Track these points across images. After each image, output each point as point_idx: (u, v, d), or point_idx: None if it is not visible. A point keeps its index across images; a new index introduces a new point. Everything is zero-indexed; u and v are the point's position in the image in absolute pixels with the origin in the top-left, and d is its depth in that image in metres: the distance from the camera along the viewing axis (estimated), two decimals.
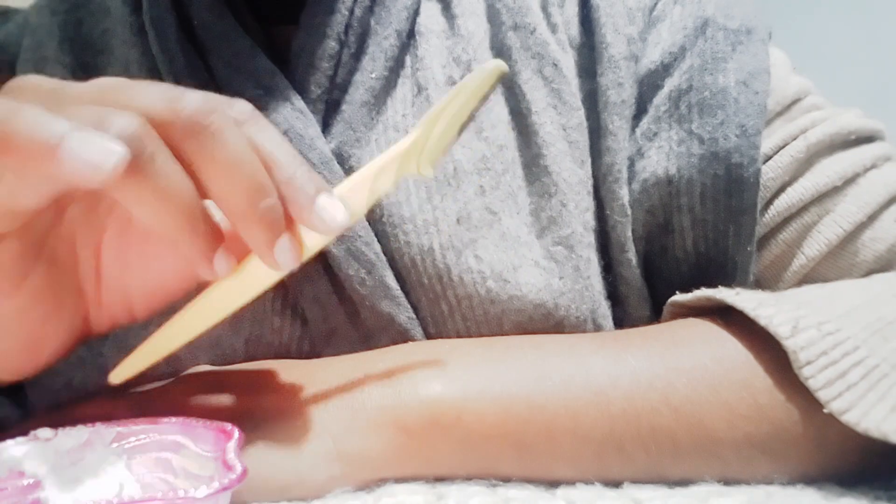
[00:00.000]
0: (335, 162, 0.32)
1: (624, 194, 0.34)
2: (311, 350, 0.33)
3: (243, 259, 0.25)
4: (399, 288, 0.32)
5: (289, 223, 0.23)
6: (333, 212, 0.23)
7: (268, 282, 0.25)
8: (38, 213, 0.23)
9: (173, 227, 0.22)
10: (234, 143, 0.22)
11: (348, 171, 0.32)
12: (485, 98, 0.27)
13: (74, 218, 0.26)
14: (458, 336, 0.32)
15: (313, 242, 0.25)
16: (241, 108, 0.23)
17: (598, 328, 0.34)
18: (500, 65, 0.26)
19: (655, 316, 0.35)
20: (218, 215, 0.24)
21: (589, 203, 0.34)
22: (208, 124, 0.22)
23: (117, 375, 0.26)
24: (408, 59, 0.35)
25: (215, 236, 0.23)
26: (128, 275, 0.27)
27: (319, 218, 0.23)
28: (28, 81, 0.22)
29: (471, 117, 0.26)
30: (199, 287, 0.26)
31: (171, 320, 0.26)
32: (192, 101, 0.22)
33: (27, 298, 0.24)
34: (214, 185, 0.22)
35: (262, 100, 0.32)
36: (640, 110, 0.35)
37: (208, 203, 0.23)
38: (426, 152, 0.26)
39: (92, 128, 0.20)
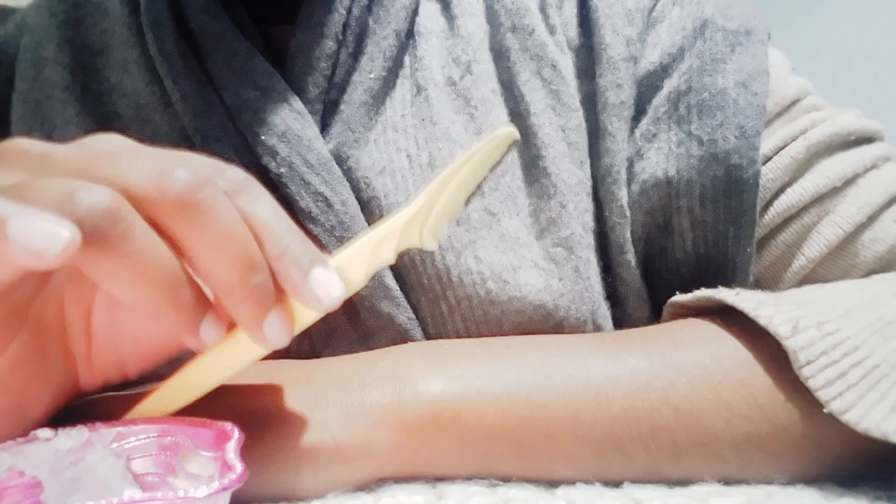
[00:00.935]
0: (333, 163, 0.32)
1: (623, 195, 0.34)
2: (311, 350, 0.33)
3: (234, 325, 0.23)
4: (399, 288, 0.32)
5: (280, 296, 0.22)
6: (328, 286, 0.22)
7: (259, 353, 0.24)
8: (12, 284, 0.21)
9: (152, 301, 0.21)
10: (223, 219, 0.21)
11: (346, 171, 0.32)
12: (495, 166, 0.25)
13: (62, 282, 0.25)
14: (458, 336, 0.32)
15: (307, 315, 0.23)
16: (233, 176, 0.22)
17: (597, 329, 0.34)
18: (512, 132, 0.25)
19: (655, 317, 0.35)
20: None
21: (588, 204, 0.34)
22: (197, 202, 0.21)
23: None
24: (407, 60, 0.35)
25: (202, 304, 0.22)
26: (120, 336, 0.26)
27: (313, 293, 0.22)
28: (17, 145, 0.22)
29: (479, 186, 0.25)
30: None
31: (158, 390, 0.25)
32: (180, 177, 0.21)
33: (9, 364, 0.23)
34: (200, 261, 0.21)
35: (260, 101, 0.32)
36: (639, 111, 0.35)
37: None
38: (430, 221, 0.24)
39: (58, 204, 0.19)
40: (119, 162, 0.21)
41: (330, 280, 0.22)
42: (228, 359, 0.24)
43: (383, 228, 0.24)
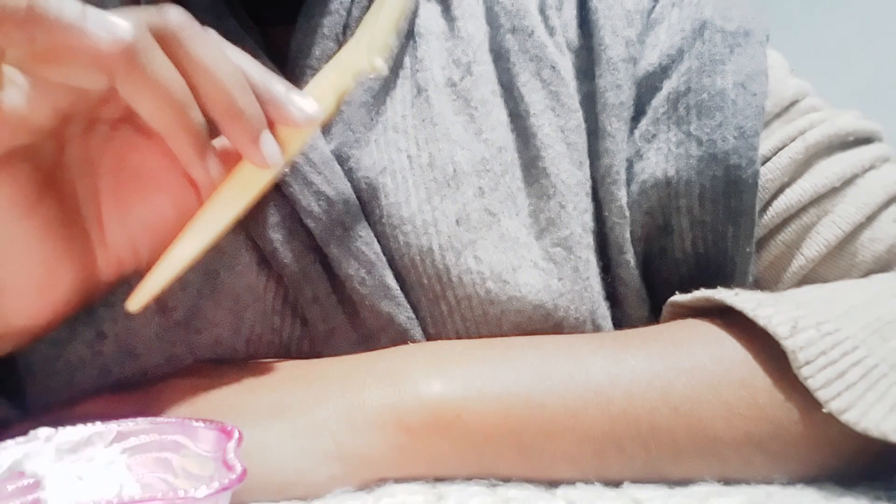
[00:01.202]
0: (335, 162, 0.32)
1: (622, 196, 0.34)
2: (310, 350, 0.33)
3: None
4: (399, 288, 0.32)
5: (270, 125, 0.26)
6: (306, 105, 0.26)
7: (258, 185, 0.27)
8: (46, 132, 0.25)
9: (169, 120, 0.24)
10: (213, 48, 0.24)
11: (347, 171, 0.32)
12: None
13: (72, 160, 0.27)
14: (458, 336, 0.32)
15: (293, 144, 0.27)
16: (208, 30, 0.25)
17: (597, 329, 0.34)
18: None
19: (654, 317, 0.35)
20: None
21: (587, 204, 0.34)
22: (192, 30, 0.24)
23: (135, 303, 0.27)
24: (407, 60, 0.35)
25: (206, 142, 0.25)
26: (127, 215, 0.28)
27: (297, 109, 0.26)
28: None
29: (403, 13, 0.30)
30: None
31: (175, 240, 0.27)
32: (173, 13, 0.24)
33: (40, 224, 0.26)
34: (201, 86, 0.24)
35: None
36: (639, 112, 0.35)
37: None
38: (372, 48, 0.29)
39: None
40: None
41: (306, 100, 0.27)
42: (232, 197, 0.27)
43: (335, 60, 0.29)
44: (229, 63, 0.25)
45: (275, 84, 0.26)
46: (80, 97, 0.25)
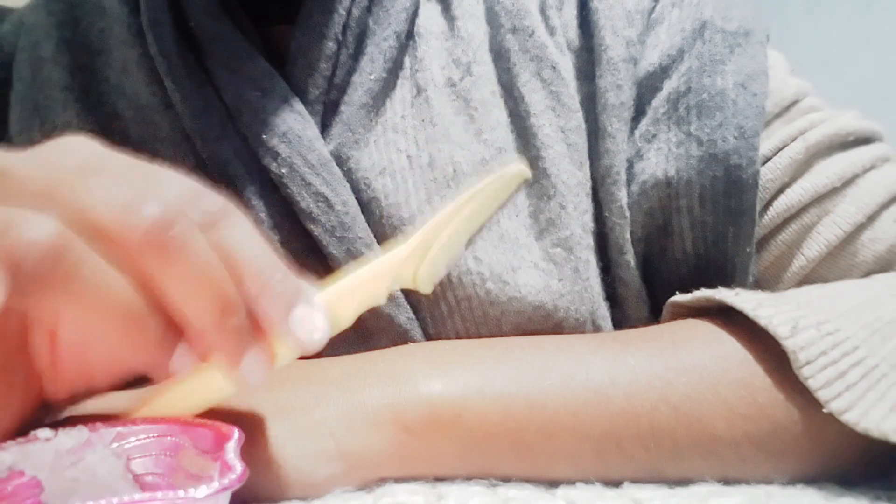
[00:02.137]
0: (334, 163, 0.32)
1: (622, 196, 0.34)
2: None
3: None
4: (399, 288, 0.32)
5: (259, 332, 0.21)
6: (311, 325, 0.21)
7: (233, 389, 0.23)
8: None
9: (111, 339, 0.20)
10: (196, 259, 0.20)
11: (347, 172, 0.32)
12: (502, 205, 0.23)
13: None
14: (458, 337, 0.32)
15: (288, 353, 0.22)
16: (208, 205, 0.21)
17: (597, 329, 0.34)
18: (523, 170, 0.23)
19: (654, 317, 0.35)
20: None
21: (587, 205, 0.34)
22: (167, 242, 0.19)
23: None
24: (407, 61, 0.35)
25: (172, 334, 0.21)
26: (87, 352, 0.23)
27: (293, 334, 0.21)
28: None
29: (482, 227, 0.23)
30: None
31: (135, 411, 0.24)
32: (148, 213, 0.19)
33: None
34: (171, 300, 0.20)
35: (261, 101, 0.32)
36: (639, 112, 0.35)
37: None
38: (427, 261, 0.23)
39: None
40: (82, 186, 0.19)
41: (313, 319, 0.21)
42: (200, 393, 0.23)
43: (377, 265, 0.23)
44: (217, 279, 0.20)
45: (279, 292, 0.21)
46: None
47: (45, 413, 0.25)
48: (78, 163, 0.20)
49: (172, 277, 0.19)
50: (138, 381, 0.31)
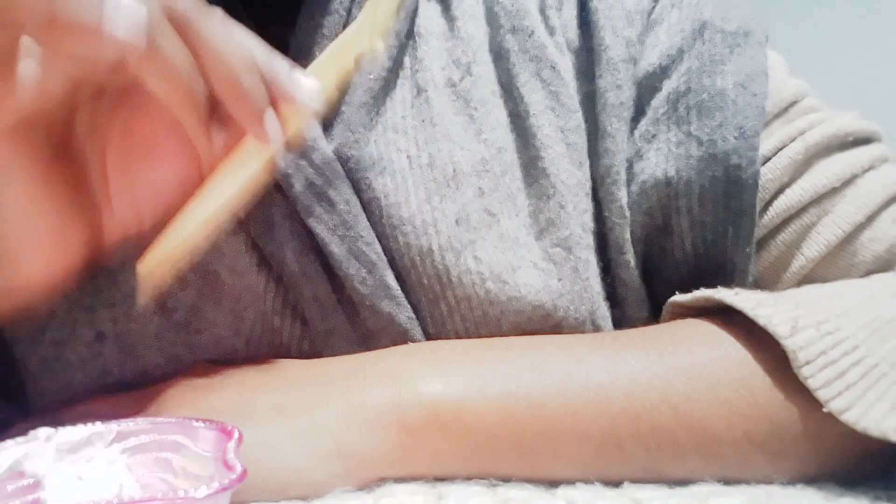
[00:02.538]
0: (337, 163, 0.32)
1: (622, 196, 0.34)
2: (310, 350, 0.33)
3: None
4: (399, 288, 0.32)
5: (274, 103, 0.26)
6: (307, 83, 0.27)
7: (259, 162, 0.28)
8: (59, 100, 0.25)
9: (176, 94, 0.25)
10: (221, 30, 0.25)
11: (347, 172, 0.33)
12: None
13: (81, 125, 0.27)
14: (458, 336, 0.32)
15: (295, 122, 0.28)
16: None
17: (596, 329, 0.34)
18: None
19: (654, 317, 0.35)
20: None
21: (587, 205, 0.34)
22: (200, 11, 0.25)
23: (146, 266, 0.27)
24: (407, 61, 0.35)
25: (207, 115, 0.26)
26: (132, 180, 0.28)
27: (299, 88, 0.26)
28: None
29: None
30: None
31: (181, 211, 0.28)
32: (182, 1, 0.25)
33: (54, 187, 0.26)
34: (209, 66, 0.25)
35: None
36: (639, 112, 0.35)
37: None
38: (374, 31, 0.29)
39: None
40: None
41: (308, 80, 0.27)
42: (236, 168, 0.28)
43: (338, 41, 0.29)
44: (236, 45, 0.26)
45: (279, 64, 0.27)
46: (92, 66, 0.25)
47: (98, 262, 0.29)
48: None
49: (207, 47, 0.25)
50: (139, 380, 0.31)
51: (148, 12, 0.23)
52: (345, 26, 0.34)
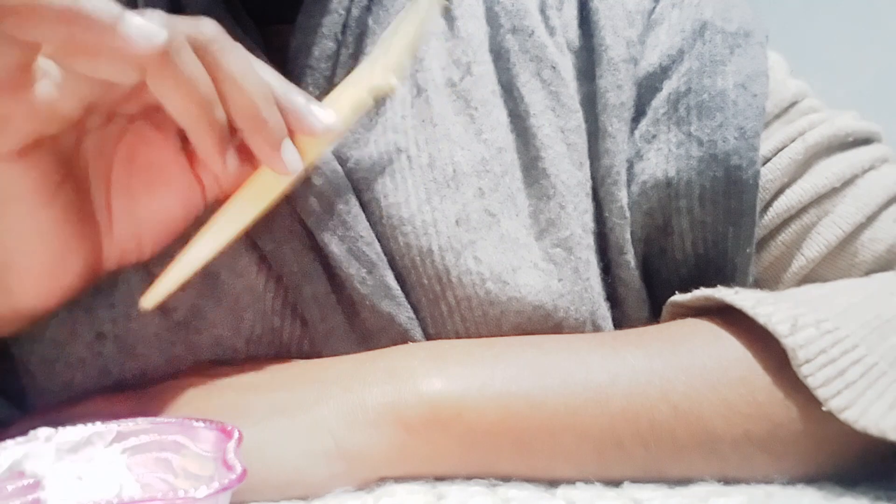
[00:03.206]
0: (336, 163, 0.32)
1: (623, 196, 0.34)
2: (311, 350, 0.33)
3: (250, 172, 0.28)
4: (399, 288, 0.32)
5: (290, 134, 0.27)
6: (324, 115, 0.28)
7: (275, 192, 0.28)
8: (72, 123, 0.26)
9: (195, 116, 0.25)
10: (242, 60, 0.26)
11: (348, 172, 0.33)
12: (431, 18, 0.31)
13: (89, 150, 0.28)
14: (458, 337, 0.32)
15: (311, 152, 0.29)
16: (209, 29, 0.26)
17: (597, 329, 0.34)
18: None
19: (654, 318, 0.35)
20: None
21: (588, 205, 0.34)
22: (223, 42, 0.25)
23: (150, 300, 0.28)
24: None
25: (227, 139, 0.26)
26: (135, 206, 0.29)
27: (316, 120, 0.27)
28: None
29: (422, 34, 0.31)
30: (204, 219, 0.29)
31: (192, 241, 0.28)
32: (206, 30, 0.25)
33: (58, 211, 0.27)
34: (228, 94, 0.25)
35: None
36: (639, 113, 0.35)
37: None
38: (388, 66, 0.30)
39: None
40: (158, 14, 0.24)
41: (325, 111, 0.28)
42: (250, 199, 0.28)
43: (354, 76, 0.30)
44: (256, 75, 0.26)
45: (296, 95, 0.27)
46: (108, 90, 0.26)
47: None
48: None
49: (228, 73, 0.25)
50: (140, 379, 0.31)
51: (169, 35, 0.23)
52: (344, 26, 0.34)
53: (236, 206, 0.28)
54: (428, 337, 0.32)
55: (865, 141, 0.35)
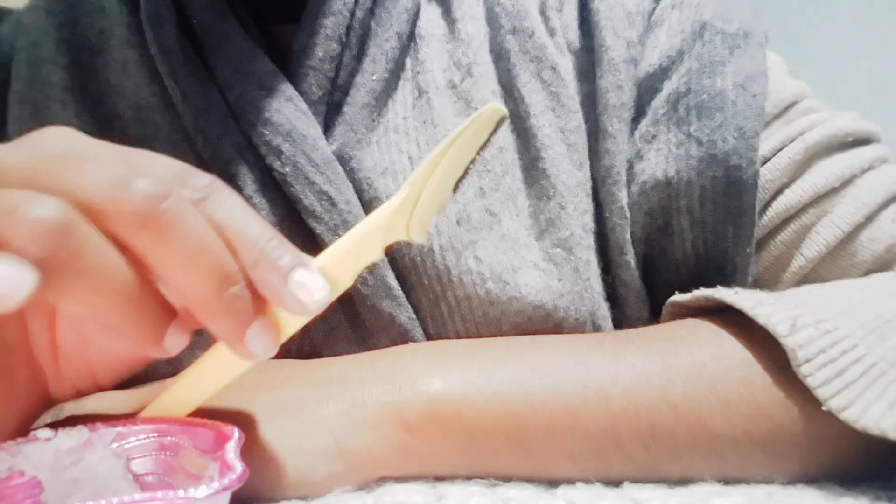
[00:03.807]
0: (337, 162, 0.32)
1: (623, 196, 0.34)
2: (311, 350, 0.33)
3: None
4: (400, 288, 0.32)
5: (262, 304, 0.21)
6: (312, 289, 0.21)
7: (246, 364, 0.23)
8: None
9: (110, 318, 0.20)
10: (190, 231, 0.20)
11: (349, 172, 0.33)
12: (483, 147, 0.23)
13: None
14: (458, 337, 0.32)
15: (294, 321, 0.22)
16: (197, 181, 0.21)
17: (597, 329, 0.34)
18: (499, 108, 0.23)
19: (654, 318, 0.35)
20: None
21: (588, 205, 0.34)
22: (160, 214, 0.19)
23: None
24: (408, 62, 0.35)
25: (165, 313, 0.21)
26: (87, 347, 0.24)
27: (295, 298, 0.21)
28: None
29: (467, 171, 0.23)
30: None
31: (148, 407, 0.24)
32: (139, 189, 0.19)
33: None
34: (169, 276, 0.20)
35: (265, 100, 0.33)
36: (639, 113, 0.35)
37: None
38: (417, 212, 0.23)
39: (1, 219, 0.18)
40: (71, 169, 0.19)
41: (313, 282, 0.21)
42: (215, 373, 0.23)
43: (368, 221, 0.23)
44: (213, 249, 0.20)
45: (275, 259, 0.21)
46: None
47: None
48: (63, 150, 0.20)
49: (169, 251, 0.19)
50: (140, 378, 0.31)
51: (53, 222, 0.18)
52: (348, 27, 0.34)
53: (195, 375, 0.24)
54: (428, 337, 0.32)
55: (865, 141, 0.35)
